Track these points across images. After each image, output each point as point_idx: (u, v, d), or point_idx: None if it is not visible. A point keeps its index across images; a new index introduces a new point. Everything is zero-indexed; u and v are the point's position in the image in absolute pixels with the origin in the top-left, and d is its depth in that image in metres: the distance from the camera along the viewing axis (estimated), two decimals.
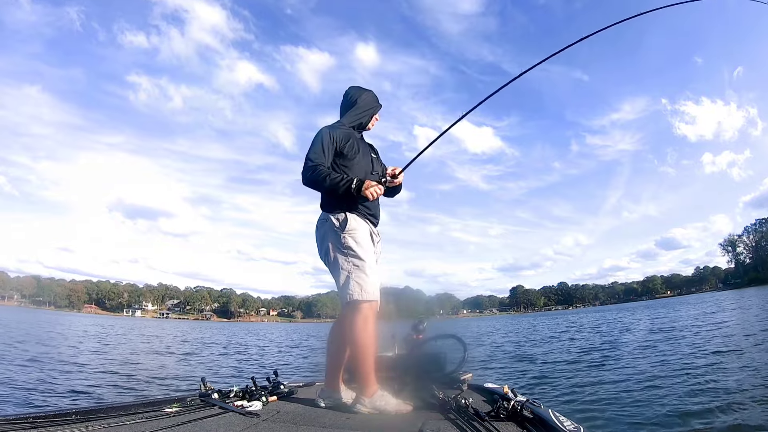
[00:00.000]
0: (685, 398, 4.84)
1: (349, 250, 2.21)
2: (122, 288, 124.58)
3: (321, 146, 2.23)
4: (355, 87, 2.52)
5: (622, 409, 4.67)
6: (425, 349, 2.93)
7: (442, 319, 5.04)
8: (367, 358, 2.15)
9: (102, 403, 3.02)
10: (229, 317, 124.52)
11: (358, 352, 2.16)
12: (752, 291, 53.04)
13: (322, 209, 2.33)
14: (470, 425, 1.76)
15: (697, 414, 4.24)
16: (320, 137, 2.26)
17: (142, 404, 2.12)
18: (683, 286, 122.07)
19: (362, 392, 2.16)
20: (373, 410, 2.11)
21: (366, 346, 2.14)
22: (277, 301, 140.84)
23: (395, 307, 3.48)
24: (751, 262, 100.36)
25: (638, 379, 6.14)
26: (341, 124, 2.40)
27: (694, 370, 6.36)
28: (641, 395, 5.21)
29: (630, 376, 6.44)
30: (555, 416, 1.72)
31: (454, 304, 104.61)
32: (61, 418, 1.75)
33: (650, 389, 5.43)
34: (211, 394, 2.34)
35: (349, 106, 2.46)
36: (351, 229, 2.22)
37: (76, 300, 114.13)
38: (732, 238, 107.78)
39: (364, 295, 2.14)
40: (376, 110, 2.53)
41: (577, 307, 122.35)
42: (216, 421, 1.88)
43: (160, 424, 1.75)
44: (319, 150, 2.22)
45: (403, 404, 2.14)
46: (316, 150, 2.22)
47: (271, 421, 1.91)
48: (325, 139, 2.25)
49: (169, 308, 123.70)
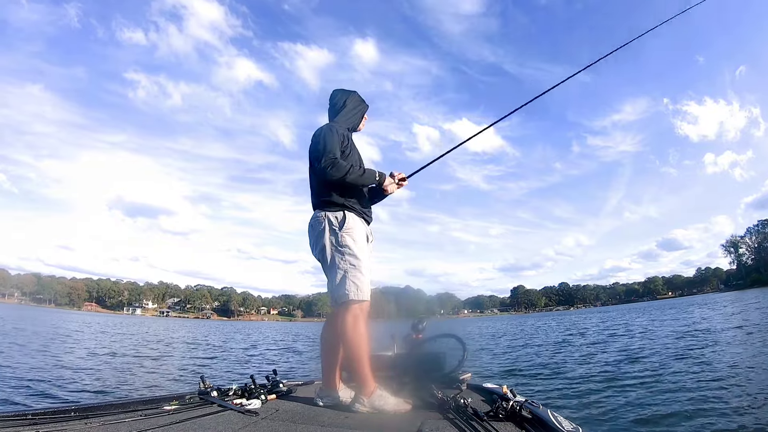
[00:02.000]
0: (689, 401, 4.83)
1: (346, 248, 2.21)
2: (123, 286, 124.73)
3: (334, 142, 2.26)
4: (340, 90, 2.55)
5: (624, 411, 4.67)
6: (424, 349, 2.93)
7: (443, 319, 5.03)
8: (362, 357, 2.15)
9: (101, 400, 3.02)
10: (229, 316, 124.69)
11: (354, 352, 2.15)
12: (755, 292, 52.67)
13: (318, 208, 2.32)
14: (469, 425, 1.75)
15: (699, 415, 4.23)
16: (331, 133, 2.29)
17: (141, 402, 2.13)
18: (684, 287, 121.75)
19: (361, 391, 2.16)
20: (371, 409, 2.11)
21: (361, 346, 2.14)
22: (278, 300, 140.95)
23: (396, 306, 3.48)
24: (753, 263, 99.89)
25: (644, 381, 6.13)
26: (337, 125, 2.42)
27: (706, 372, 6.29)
28: (643, 397, 5.20)
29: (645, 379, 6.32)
30: (554, 416, 1.72)
31: (455, 304, 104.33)
32: (60, 415, 1.76)
33: (658, 393, 5.40)
34: (210, 392, 2.34)
35: (338, 109, 2.49)
36: (349, 228, 2.23)
37: (77, 298, 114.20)
38: (734, 239, 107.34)
39: (359, 295, 2.15)
40: (364, 110, 2.58)
41: (578, 308, 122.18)
42: (215, 419, 1.88)
43: (159, 422, 1.75)
44: (335, 145, 2.25)
45: (402, 403, 2.14)
46: (332, 145, 2.24)
47: (269, 420, 1.91)
48: (335, 135, 2.29)
49: (169, 307, 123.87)
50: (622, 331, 15.76)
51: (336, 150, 2.24)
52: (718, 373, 6.02)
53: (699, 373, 6.23)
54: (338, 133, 2.31)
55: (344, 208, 2.26)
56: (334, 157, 2.21)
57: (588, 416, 4.56)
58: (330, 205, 2.27)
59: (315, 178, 2.35)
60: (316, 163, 2.23)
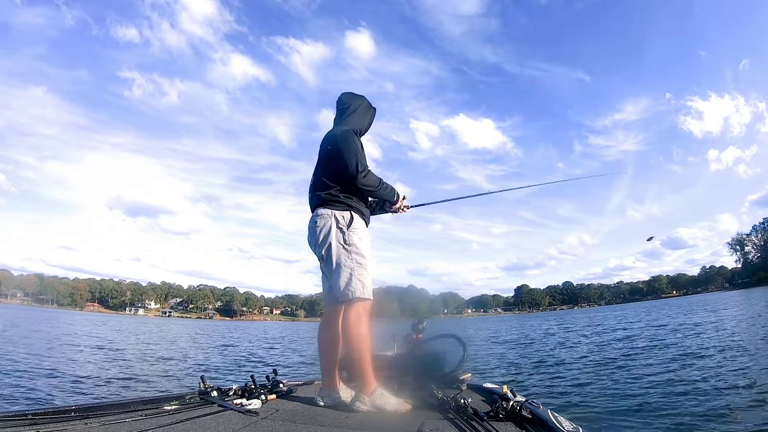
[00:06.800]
0: (693, 401, 4.80)
1: (353, 247, 2.23)
2: (125, 286, 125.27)
3: (361, 149, 2.30)
4: (349, 93, 2.55)
5: (624, 411, 4.64)
6: (425, 349, 2.92)
7: (447, 318, 5.00)
8: (365, 355, 2.15)
9: (101, 400, 3.03)
10: (231, 316, 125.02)
11: (356, 350, 2.16)
12: (762, 290, 52.02)
13: (323, 206, 2.31)
14: (469, 425, 1.75)
15: (700, 417, 4.21)
16: (357, 141, 2.32)
17: (141, 402, 2.13)
18: (689, 285, 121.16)
19: (361, 390, 2.16)
20: (372, 408, 2.10)
21: (363, 344, 2.15)
22: (280, 300, 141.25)
23: (399, 306, 3.47)
24: (759, 261, 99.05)
25: (644, 381, 6.08)
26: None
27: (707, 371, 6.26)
28: (643, 397, 5.18)
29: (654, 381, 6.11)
30: (554, 416, 1.71)
31: (459, 303, 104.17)
32: (61, 415, 1.76)
33: (658, 393, 5.36)
34: (210, 392, 2.34)
35: (348, 113, 2.48)
36: (355, 227, 2.26)
37: (79, 298, 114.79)
38: (740, 237, 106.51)
39: (365, 293, 2.18)
40: (373, 115, 2.59)
41: (582, 307, 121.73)
42: (215, 419, 1.88)
43: (159, 422, 1.76)
44: (360, 148, 2.30)
45: (402, 403, 2.14)
46: (361, 153, 2.29)
47: (270, 420, 1.91)
48: (357, 139, 2.34)
49: (171, 307, 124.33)
50: (624, 329, 15.70)
51: (364, 158, 2.30)
52: (729, 375, 5.89)
53: (710, 373, 6.13)
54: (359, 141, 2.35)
55: (351, 208, 2.30)
56: (366, 165, 2.27)
57: (588, 416, 4.54)
58: (338, 204, 2.29)
59: (324, 177, 2.34)
60: (351, 169, 2.22)
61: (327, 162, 2.34)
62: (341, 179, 2.28)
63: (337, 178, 2.29)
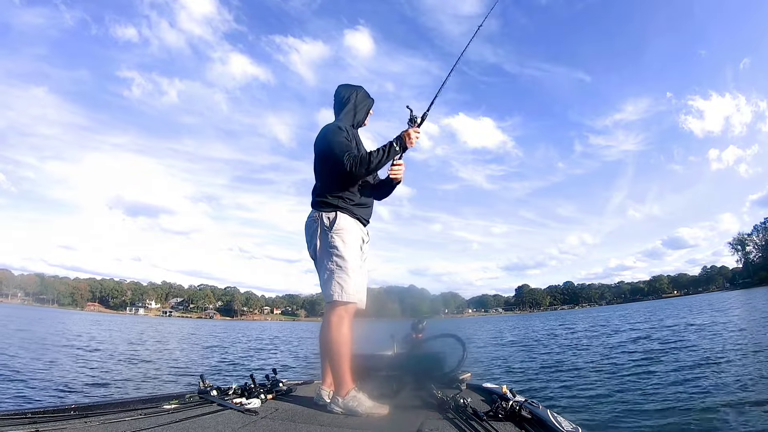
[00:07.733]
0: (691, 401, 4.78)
1: (334, 249, 2.21)
2: (126, 286, 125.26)
3: (345, 138, 2.26)
4: (345, 85, 2.53)
5: (624, 411, 4.63)
6: (424, 349, 2.93)
7: (448, 318, 4.97)
8: (341, 357, 2.15)
9: (101, 399, 3.04)
10: (232, 316, 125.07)
11: (333, 352, 2.17)
12: (763, 290, 51.67)
13: (314, 208, 2.33)
14: (469, 425, 1.75)
15: (700, 416, 4.19)
16: (340, 132, 2.29)
17: (140, 401, 2.13)
18: (690, 285, 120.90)
19: (337, 392, 2.16)
20: (345, 410, 2.09)
21: (341, 346, 2.15)
22: (281, 300, 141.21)
23: (400, 305, 3.47)
24: (760, 261, 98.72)
25: (645, 380, 6.05)
26: (342, 122, 2.41)
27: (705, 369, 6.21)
28: (644, 397, 5.16)
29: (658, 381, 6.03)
30: (553, 417, 1.71)
31: (459, 303, 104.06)
32: (60, 413, 1.76)
33: (658, 393, 5.34)
34: (210, 392, 2.35)
35: (343, 105, 2.47)
36: (339, 229, 2.24)
37: (80, 298, 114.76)
38: (741, 237, 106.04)
39: (343, 296, 2.16)
40: (370, 106, 2.55)
41: (583, 307, 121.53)
42: (214, 418, 1.88)
43: (159, 421, 1.76)
44: (346, 141, 2.26)
45: (377, 406, 2.11)
46: (343, 142, 2.25)
47: (269, 419, 1.91)
48: (343, 132, 2.29)
49: (172, 306, 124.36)
50: (627, 329, 15.65)
51: (350, 146, 2.25)
52: (732, 375, 5.85)
53: (711, 373, 6.09)
54: (344, 130, 2.31)
55: (337, 208, 2.27)
56: (351, 154, 2.20)
57: (588, 416, 4.54)
58: (324, 206, 2.29)
59: (317, 178, 2.37)
60: (342, 167, 2.18)
61: (318, 163, 2.36)
62: (331, 179, 2.28)
63: (328, 177, 2.30)
